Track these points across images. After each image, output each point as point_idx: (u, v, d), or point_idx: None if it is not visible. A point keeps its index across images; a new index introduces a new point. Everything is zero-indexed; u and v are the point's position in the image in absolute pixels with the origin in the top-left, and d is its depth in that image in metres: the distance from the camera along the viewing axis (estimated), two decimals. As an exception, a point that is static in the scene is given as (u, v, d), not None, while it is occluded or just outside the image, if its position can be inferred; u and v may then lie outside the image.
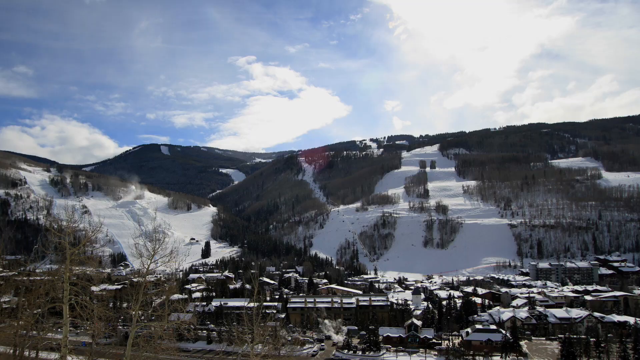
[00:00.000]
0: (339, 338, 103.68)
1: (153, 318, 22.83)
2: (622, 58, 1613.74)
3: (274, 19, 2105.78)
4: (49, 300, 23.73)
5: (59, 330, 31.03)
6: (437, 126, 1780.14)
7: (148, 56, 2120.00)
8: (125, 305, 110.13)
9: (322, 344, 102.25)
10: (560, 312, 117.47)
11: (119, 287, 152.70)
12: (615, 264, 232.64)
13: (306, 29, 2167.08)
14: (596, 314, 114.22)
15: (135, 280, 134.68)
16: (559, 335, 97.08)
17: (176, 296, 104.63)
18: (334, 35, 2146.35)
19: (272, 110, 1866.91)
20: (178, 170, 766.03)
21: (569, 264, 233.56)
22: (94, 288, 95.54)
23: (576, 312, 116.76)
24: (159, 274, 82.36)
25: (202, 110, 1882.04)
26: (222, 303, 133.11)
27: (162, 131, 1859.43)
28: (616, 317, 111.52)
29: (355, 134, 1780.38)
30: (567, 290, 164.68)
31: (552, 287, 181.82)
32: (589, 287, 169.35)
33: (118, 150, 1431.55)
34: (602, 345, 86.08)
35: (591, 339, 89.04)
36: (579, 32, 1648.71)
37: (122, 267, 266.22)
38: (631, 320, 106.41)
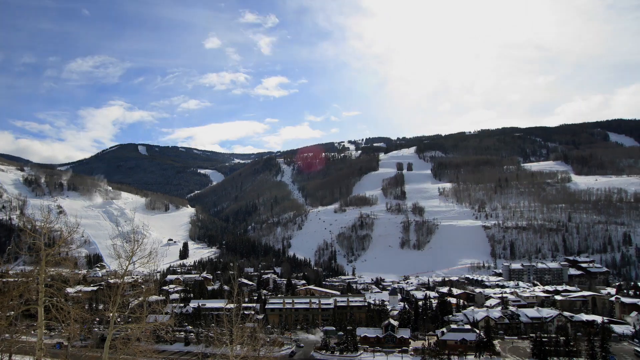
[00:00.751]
0: (317, 338, 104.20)
1: (130, 320, 22.81)
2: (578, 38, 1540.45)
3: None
4: (23, 303, 23.34)
5: (33, 332, 30.59)
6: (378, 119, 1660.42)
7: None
8: (101, 307, 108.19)
9: (301, 344, 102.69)
10: (531, 312, 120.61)
11: (95, 288, 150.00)
12: (584, 265, 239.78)
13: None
14: (566, 313, 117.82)
15: (112, 281, 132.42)
16: (531, 334, 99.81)
17: (154, 297, 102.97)
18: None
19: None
20: (156, 171, 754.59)
21: (540, 265, 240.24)
22: (69, 290, 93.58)
23: (547, 312, 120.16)
24: (136, 275, 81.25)
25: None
26: (200, 304, 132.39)
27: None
28: (585, 317, 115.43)
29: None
30: (539, 291, 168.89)
31: (524, 288, 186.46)
32: (559, 287, 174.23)
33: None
34: (571, 343, 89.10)
35: (561, 338, 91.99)
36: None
37: (98, 269, 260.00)
38: (599, 319, 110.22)
